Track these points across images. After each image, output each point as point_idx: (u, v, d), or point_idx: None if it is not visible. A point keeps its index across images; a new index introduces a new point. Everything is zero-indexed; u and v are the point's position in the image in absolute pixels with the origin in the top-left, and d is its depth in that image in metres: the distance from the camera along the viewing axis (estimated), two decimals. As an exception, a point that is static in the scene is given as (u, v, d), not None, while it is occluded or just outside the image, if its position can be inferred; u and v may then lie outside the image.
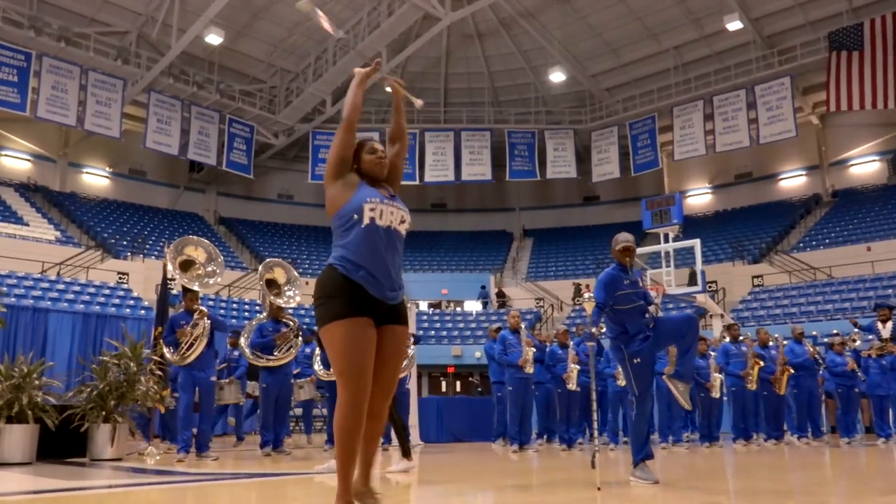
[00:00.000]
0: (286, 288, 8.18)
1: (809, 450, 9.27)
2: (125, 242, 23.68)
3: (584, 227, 31.18)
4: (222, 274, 7.84)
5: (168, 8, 23.02)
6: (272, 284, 8.04)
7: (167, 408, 8.04)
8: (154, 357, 7.63)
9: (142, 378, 7.22)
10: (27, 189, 25.36)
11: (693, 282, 16.82)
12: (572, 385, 9.41)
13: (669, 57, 27.01)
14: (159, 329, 8.03)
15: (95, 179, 28.08)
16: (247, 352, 8.02)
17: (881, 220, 23.45)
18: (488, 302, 26.21)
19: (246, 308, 21.70)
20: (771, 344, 10.72)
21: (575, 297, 24.91)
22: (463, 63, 29.00)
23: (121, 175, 28.49)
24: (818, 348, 11.82)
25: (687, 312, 5.15)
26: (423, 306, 25.36)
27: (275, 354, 7.96)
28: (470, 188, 31.31)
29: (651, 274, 17.60)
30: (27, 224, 22.52)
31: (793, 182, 28.73)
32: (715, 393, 10.17)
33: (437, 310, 25.09)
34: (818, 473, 6.20)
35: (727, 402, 10.62)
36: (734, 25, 24.30)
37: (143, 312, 17.36)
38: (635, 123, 27.77)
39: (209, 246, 7.81)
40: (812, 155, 28.06)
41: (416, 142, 28.76)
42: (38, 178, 26.17)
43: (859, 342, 11.86)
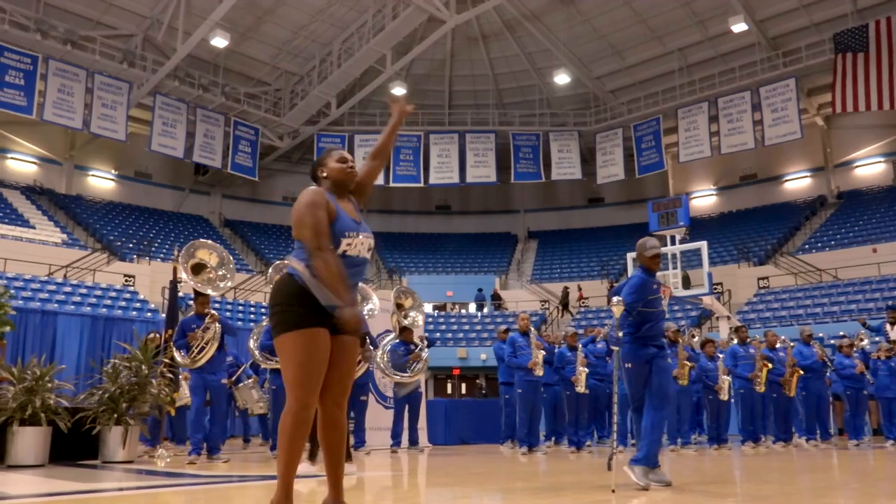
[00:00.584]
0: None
1: (818, 452, 9.25)
2: (131, 245, 23.73)
3: (589, 229, 31.18)
4: (233, 278, 7.86)
5: (173, 11, 23.08)
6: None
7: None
8: (165, 360, 7.65)
9: (153, 381, 7.24)
10: (33, 192, 25.43)
11: (687, 285, 16.84)
12: (581, 387, 9.41)
13: (674, 59, 27.01)
14: (170, 332, 8.05)
15: (101, 182, 28.15)
16: (256, 353, 8.04)
17: (887, 222, 23.42)
18: (484, 305, 26.20)
19: (252, 310, 21.73)
20: (779, 346, 10.72)
21: (561, 302, 24.93)
22: (467, 65, 29.03)
23: (126, 178, 28.57)
24: (826, 350, 11.80)
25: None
26: (428, 308, 25.37)
27: (284, 357, 7.97)
28: (474, 190, 31.33)
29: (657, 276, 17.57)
30: (33, 227, 22.59)
31: (798, 184, 28.70)
32: (723, 395, 10.17)
33: (442, 312, 25.09)
34: (827, 476, 6.20)
35: (735, 405, 10.61)
36: (739, 27, 24.29)
37: (150, 315, 17.40)
38: (640, 125, 27.77)
39: (221, 250, 7.83)
40: (817, 156, 28.04)
41: (421, 144, 28.82)
42: (45, 181, 26.25)
43: (866, 342, 11.86)
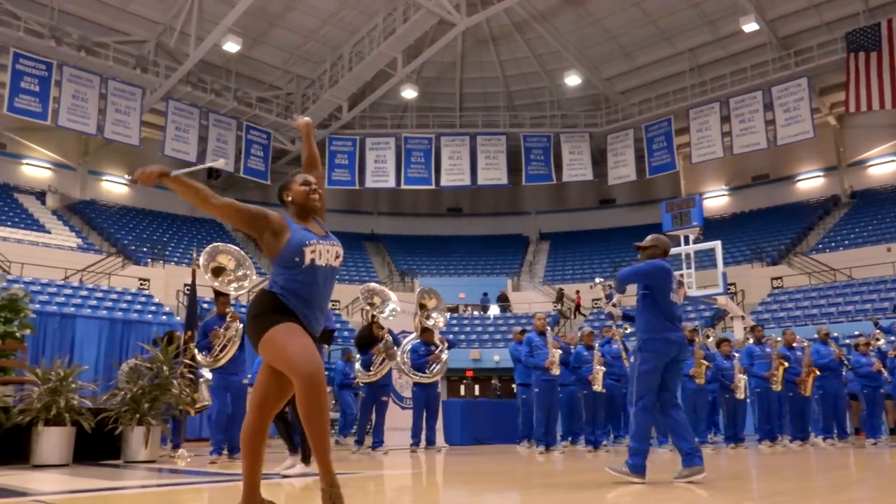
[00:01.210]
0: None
1: (835, 451, 9.23)
2: (145, 249, 23.88)
3: (601, 231, 31.14)
4: (252, 277, 7.92)
5: (186, 17, 23.25)
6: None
7: (198, 411, 8.12)
8: (185, 361, 7.72)
9: (174, 381, 7.31)
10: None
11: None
12: (598, 386, 9.43)
13: (684, 59, 26.99)
14: (189, 333, 8.11)
15: (115, 187, 28.35)
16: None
17: (901, 221, 23.31)
18: (488, 307, 26.20)
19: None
20: (796, 345, 10.69)
21: (556, 303, 24.97)
22: (478, 67, 29.08)
23: (139, 182, 28.69)
24: (842, 349, 11.76)
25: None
26: (440, 310, 25.37)
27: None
28: (485, 192, 31.36)
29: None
30: (49, 231, 22.79)
31: (811, 183, 28.59)
32: (739, 394, 10.16)
33: (455, 314, 25.11)
34: (844, 473, 6.19)
35: (751, 404, 10.60)
36: (750, 27, 24.24)
37: (165, 318, 17.52)
38: (651, 126, 27.75)
39: (237, 252, 7.89)
40: (830, 156, 27.92)
41: (432, 146, 28.89)
42: (59, 186, 26.45)
43: (882, 341, 11.81)
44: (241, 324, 7.51)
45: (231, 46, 24.03)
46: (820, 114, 26.25)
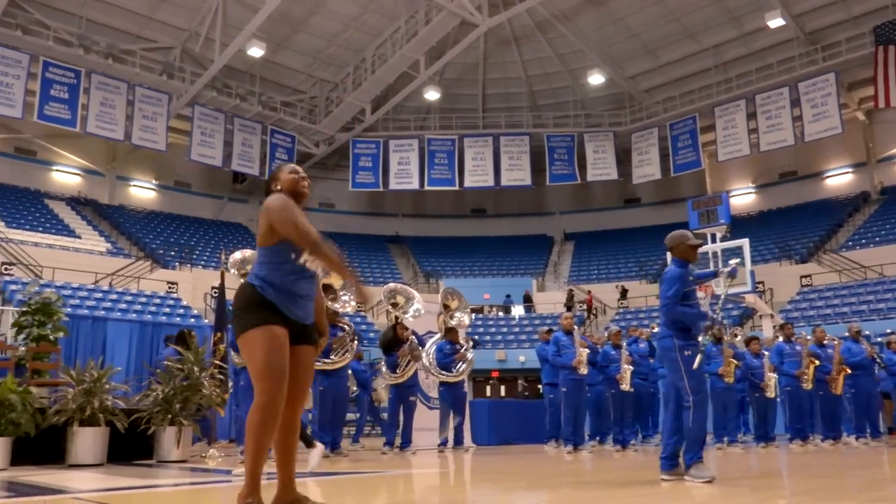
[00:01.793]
0: (341, 293, 8.30)
1: (868, 450, 9.09)
2: (173, 253, 24.18)
3: (626, 230, 30.96)
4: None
5: (211, 23, 23.51)
6: (328, 289, 8.17)
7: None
8: (214, 362, 7.81)
9: (204, 382, 7.39)
10: (78, 202, 26.06)
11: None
12: (626, 386, 9.39)
13: (709, 56, 26.75)
14: (219, 335, 8.21)
15: (142, 192, 28.74)
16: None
17: (933, 217, 22.91)
18: (511, 309, 26.14)
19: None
20: (826, 342, 10.55)
21: (568, 303, 24.90)
22: (500, 68, 29.06)
23: (166, 187, 29.12)
24: (874, 347, 11.58)
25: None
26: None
27: (331, 358, 8.09)
28: (509, 193, 31.30)
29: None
30: (79, 237, 23.16)
31: (840, 180, 28.20)
32: (770, 393, 10.04)
33: (480, 314, 25.10)
34: (877, 472, 6.09)
35: (781, 403, 10.47)
36: (775, 22, 23.98)
37: (193, 321, 17.70)
38: (676, 124, 27.55)
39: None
40: (859, 152, 27.52)
41: (456, 147, 28.94)
42: (88, 192, 26.89)
43: (916, 339, 11.60)
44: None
45: (255, 51, 24.26)
46: (848, 109, 25.89)
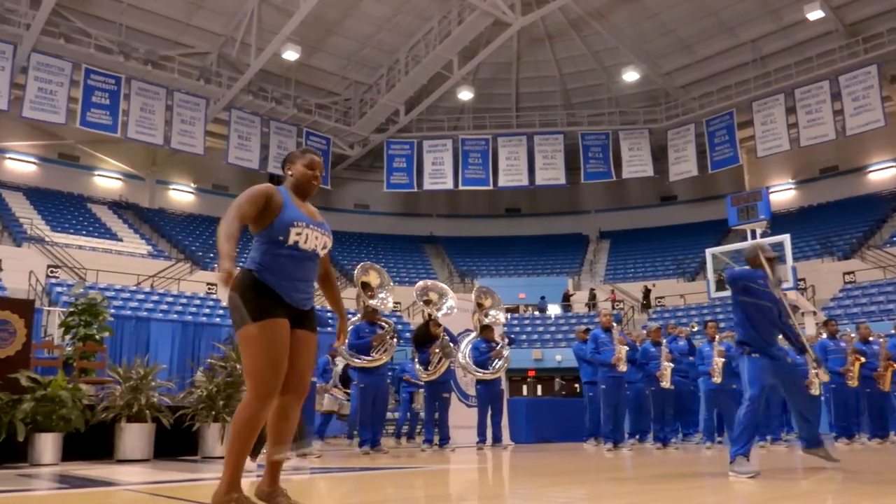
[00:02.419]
0: (379, 291, 8.36)
1: (919, 448, 8.88)
2: (212, 255, 24.53)
3: (662, 228, 30.65)
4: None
5: (246, 28, 23.83)
6: (367, 287, 8.24)
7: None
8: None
9: (247, 379, 7.48)
10: (119, 206, 26.60)
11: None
12: (666, 382, 9.29)
13: (747, 50, 26.35)
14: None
15: (181, 195, 29.23)
16: (344, 352, 8.24)
17: (982, 211, 22.27)
18: (545, 310, 26.02)
19: (329, 316, 22.13)
20: (871, 339, 10.33)
21: (589, 303, 24.84)
22: (533, 67, 28.96)
23: (205, 190, 29.58)
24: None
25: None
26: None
27: (371, 355, 8.15)
28: (543, 192, 31.18)
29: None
30: (121, 239, 23.64)
31: (883, 174, 27.56)
32: (815, 390, 9.85)
33: (516, 314, 25.03)
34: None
35: (826, 401, 10.28)
36: (815, 15, 23.52)
37: (233, 321, 17.94)
38: (712, 120, 27.21)
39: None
40: (903, 145, 26.88)
41: (489, 147, 28.93)
42: (129, 196, 27.44)
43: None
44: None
45: (290, 55, 24.53)
46: (891, 102, 25.26)
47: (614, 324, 9.08)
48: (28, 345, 6.99)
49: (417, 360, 8.98)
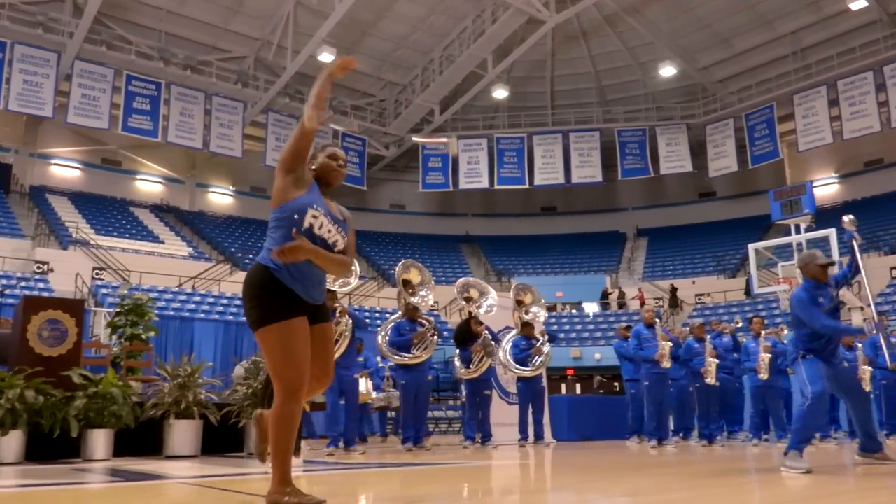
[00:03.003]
0: (420, 288, 8.38)
1: (975, 446, 8.62)
2: (251, 256, 24.82)
3: (701, 224, 30.23)
4: (357, 274, 8.13)
5: (283, 31, 24.10)
6: (408, 284, 8.27)
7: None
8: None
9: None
10: (161, 209, 27.08)
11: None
12: (711, 379, 9.16)
13: (786, 43, 25.87)
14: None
15: (220, 198, 29.65)
16: (385, 349, 8.27)
17: None
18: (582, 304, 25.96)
19: (366, 315, 22.27)
20: (922, 334, 10.05)
21: (619, 300, 24.64)
22: (568, 64, 28.79)
23: (243, 192, 29.96)
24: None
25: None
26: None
27: (412, 353, 8.16)
28: (579, 190, 30.96)
29: (783, 267, 16.87)
30: (162, 242, 24.06)
31: (931, 167, 26.85)
32: (865, 386, 9.63)
33: (553, 312, 24.88)
34: None
35: (876, 398, 10.03)
36: (857, 4, 23.03)
37: (273, 321, 18.13)
38: (752, 114, 26.76)
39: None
40: (951, 136, 26.12)
41: (525, 145, 28.83)
42: (170, 199, 27.93)
43: None
44: (350, 319, 7.69)
45: (326, 57, 24.67)
46: (939, 92, 24.60)
47: (657, 320, 8.98)
48: (79, 344, 7.14)
49: (458, 358, 8.98)
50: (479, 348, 8.88)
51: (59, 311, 6.98)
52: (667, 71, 27.35)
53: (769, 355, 9.03)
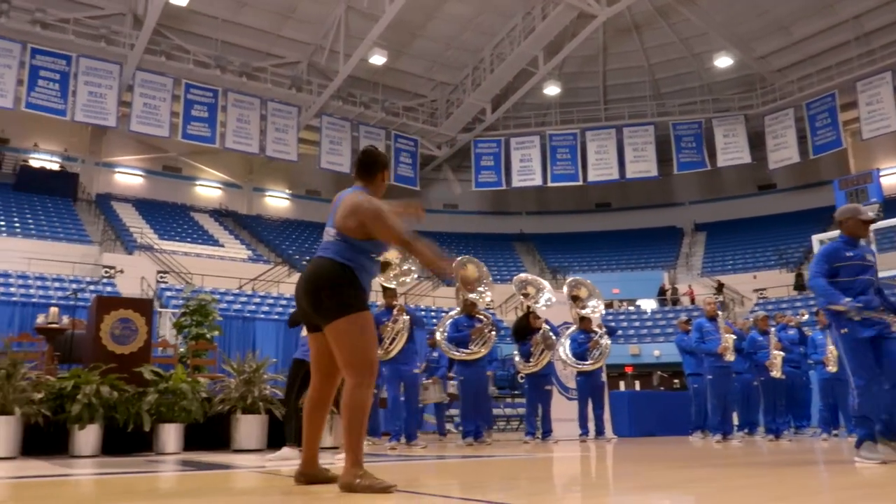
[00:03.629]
0: (478, 285, 8.41)
1: None
2: (307, 258, 25.20)
3: (761, 218, 29.52)
4: (417, 271, 8.18)
5: (334, 36, 24.42)
6: (465, 281, 8.30)
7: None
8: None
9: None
10: (220, 214, 27.74)
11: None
12: (777, 372, 8.95)
13: (848, 28, 25.03)
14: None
15: (277, 202, 30.21)
16: (444, 345, 8.32)
17: None
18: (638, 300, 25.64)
19: (422, 313, 22.38)
20: None
21: (661, 296, 24.22)
22: (621, 58, 28.42)
23: (299, 196, 30.46)
24: None
25: None
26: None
27: (470, 348, 8.19)
28: (634, 185, 30.57)
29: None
30: (222, 245, 24.64)
31: None
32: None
33: (610, 309, 24.60)
34: None
35: None
36: (924, -15, 22.16)
37: (330, 321, 18.41)
38: (812, 103, 25.99)
39: (396, 253, 8.18)
40: None
41: (577, 142, 28.58)
42: (229, 204, 28.59)
43: None
44: (409, 316, 7.76)
45: (377, 60, 24.91)
46: None
47: (719, 312, 8.81)
48: (148, 341, 7.38)
49: (518, 353, 8.98)
50: (539, 341, 8.87)
51: (130, 311, 7.24)
52: (723, 61, 26.75)
53: (837, 347, 8.77)
